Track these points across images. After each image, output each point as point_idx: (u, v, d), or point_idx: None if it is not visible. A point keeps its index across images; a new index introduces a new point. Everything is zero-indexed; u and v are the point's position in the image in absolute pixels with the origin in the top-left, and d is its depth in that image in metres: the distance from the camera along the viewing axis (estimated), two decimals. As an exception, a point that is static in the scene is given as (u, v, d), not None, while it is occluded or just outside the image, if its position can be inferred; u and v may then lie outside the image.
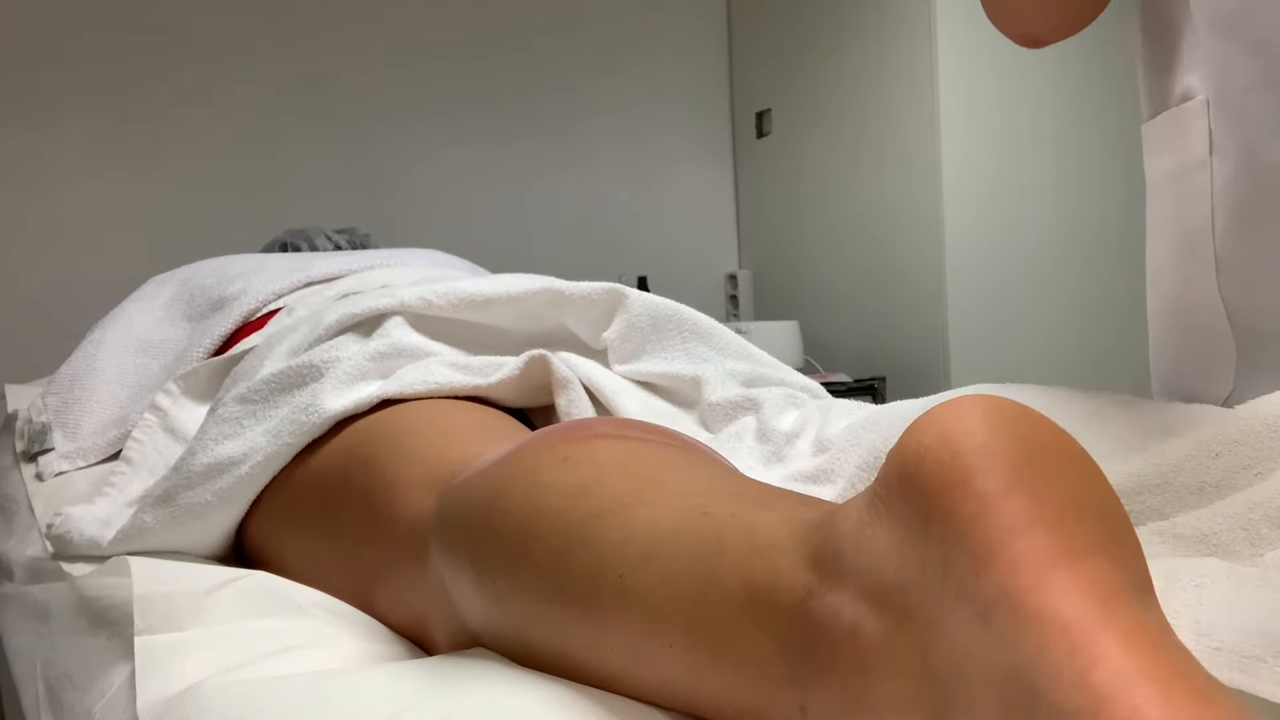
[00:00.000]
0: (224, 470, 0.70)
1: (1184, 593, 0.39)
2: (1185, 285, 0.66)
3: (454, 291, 0.80)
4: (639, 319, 0.83)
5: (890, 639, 0.31)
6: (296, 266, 1.15)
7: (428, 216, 2.61)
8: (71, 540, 0.76)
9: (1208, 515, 0.44)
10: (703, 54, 3.07)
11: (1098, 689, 0.26)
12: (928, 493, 0.31)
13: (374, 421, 0.67)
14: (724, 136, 3.10)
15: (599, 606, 0.40)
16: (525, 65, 2.77)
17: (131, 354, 1.11)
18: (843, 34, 2.66)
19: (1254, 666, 0.34)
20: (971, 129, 2.41)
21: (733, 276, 3.07)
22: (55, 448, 1.02)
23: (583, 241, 2.82)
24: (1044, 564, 0.29)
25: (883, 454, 0.63)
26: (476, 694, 0.41)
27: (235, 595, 0.58)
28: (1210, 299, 0.64)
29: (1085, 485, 0.31)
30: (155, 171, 2.35)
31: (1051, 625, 0.27)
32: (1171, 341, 0.68)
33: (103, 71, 2.30)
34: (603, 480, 0.44)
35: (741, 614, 0.36)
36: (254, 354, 0.84)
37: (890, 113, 2.52)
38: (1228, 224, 0.63)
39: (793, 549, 0.35)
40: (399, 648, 0.56)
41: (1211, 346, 0.64)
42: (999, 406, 0.32)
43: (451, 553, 0.49)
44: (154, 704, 0.47)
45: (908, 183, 2.47)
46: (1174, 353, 0.68)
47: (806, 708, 0.34)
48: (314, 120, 2.51)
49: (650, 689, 0.40)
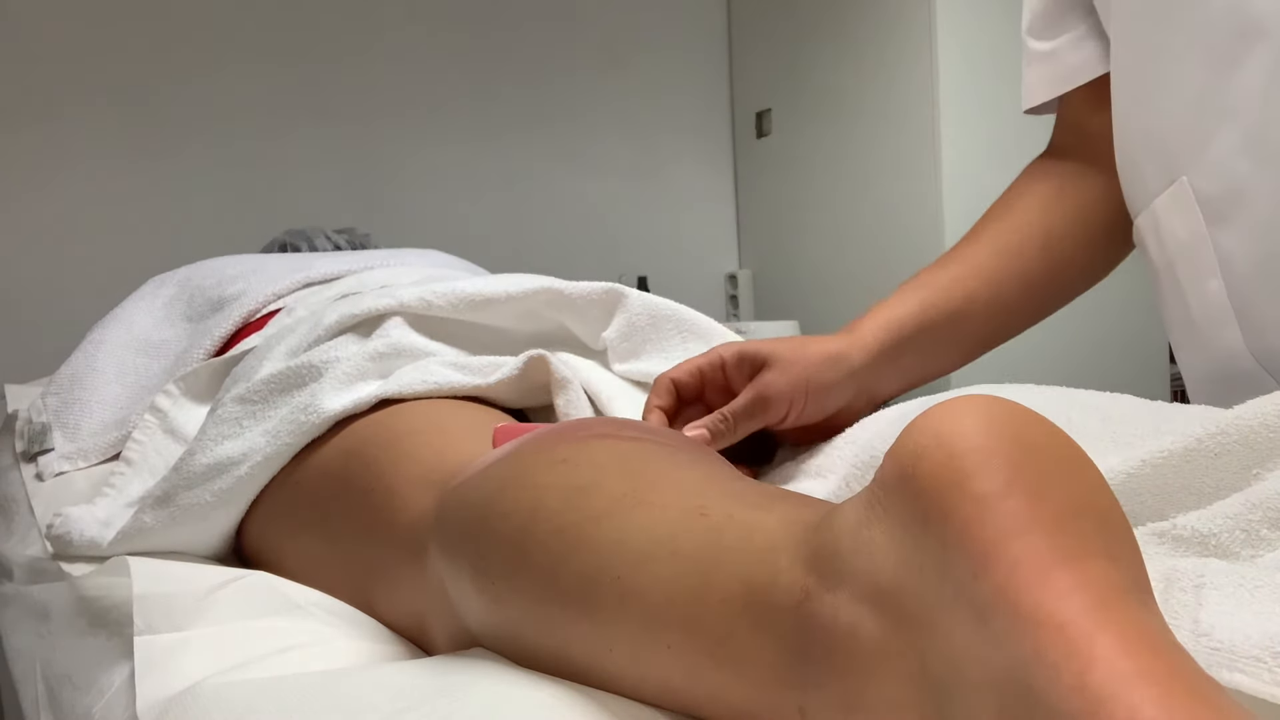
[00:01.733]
0: (223, 470, 0.70)
1: (1183, 593, 0.39)
2: (1216, 353, 0.67)
3: (453, 292, 0.80)
4: (638, 318, 0.83)
5: (888, 640, 0.31)
6: (296, 267, 1.15)
7: (427, 216, 2.61)
8: (71, 540, 0.76)
9: (1206, 516, 0.44)
10: (703, 54, 3.07)
11: (1096, 690, 0.26)
12: (925, 494, 0.31)
13: (373, 422, 0.67)
14: (724, 136, 3.10)
15: (598, 607, 0.40)
16: (525, 66, 2.77)
17: (131, 354, 1.11)
18: (842, 34, 2.66)
19: (1253, 667, 0.34)
20: (971, 129, 2.41)
21: (732, 276, 3.07)
22: (55, 448, 1.02)
23: (582, 241, 2.82)
24: (1042, 565, 0.29)
25: (879, 452, 0.64)
26: (476, 694, 0.41)
27: (235, 595, 0.58)
28: (1244, 359, 0.65)
29: (1083, 486, 0.31)
30: (155, 172, 2.36)
31: (1049, 626, 0.27)
32: (1218, 395, 0.68)
33: (103, 72, 2.30)
34: (601, 481, 0.44)
35: (740, 615, 0.36)
36: (253, 354, 0.84)
37: (890, 112, 2.52)
38: (1241, 285, 0.64)
39: (791, 550, 0.35)
40: (398, 648, 0.56)
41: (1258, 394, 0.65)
42: (997, 407, 0.32)
43: (450, 553, 0.49)
44: (154, 704, 0.47)
45: (908, 183, 2.47)
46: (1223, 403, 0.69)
47: (805, 709, 0.34)
48: (314, 120, 2.51)
49: (649, 690, 0.40)
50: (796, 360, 0.67)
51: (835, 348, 0.69)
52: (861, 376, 0.69)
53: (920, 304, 0.72)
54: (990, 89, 2.43)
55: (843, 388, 0.68)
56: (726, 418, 0.66)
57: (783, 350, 0.68)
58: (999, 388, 0.65)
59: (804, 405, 0.67)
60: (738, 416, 0.66)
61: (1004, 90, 2.44)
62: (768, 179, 2.98)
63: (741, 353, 0.69)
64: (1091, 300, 0.76)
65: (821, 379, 0.67)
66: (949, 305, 0.72)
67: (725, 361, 0.69)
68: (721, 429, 0.66)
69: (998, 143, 2.41)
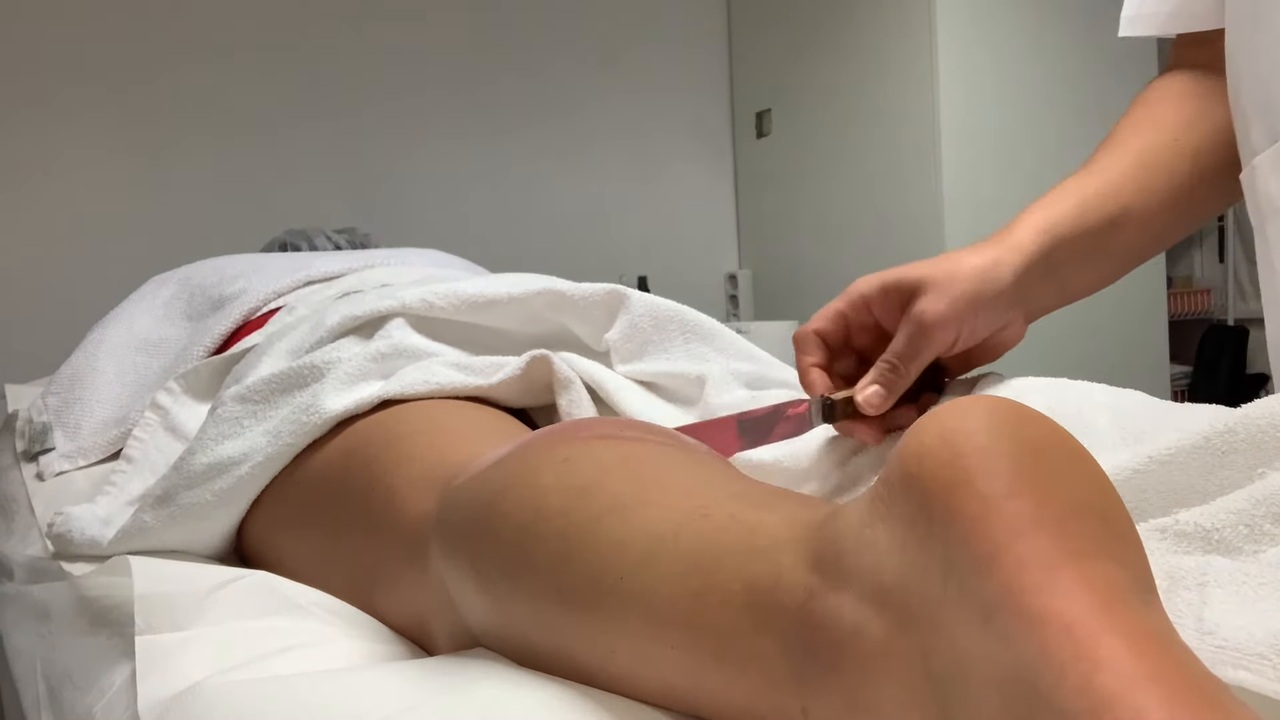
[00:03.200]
0: (224, 470, 0.70)
1: (1187, 592, 0.39)
2: None
3: (455, 293, 0.80)
4: (641, 319, 0.83)
5: (892, 640, 0.31)
6: (297, 266, 1.15)
7: (427, 216, 2.61)
8: (72, 539, 0.76)
9: (1209, 511, 0.44)
10: (703, 54, 3.07)
11: (1101, 690, 0.26)
12: (929, 493, 0.31)
13: (375, 422, 0.67)
14: (724, 136, 3.10)
15: (600, 608, 0.40)
16: (525, 67, 2.77)
17: (132, 353, 1.11)
18: (843, 34, 2.66)
19: (1257, 664, 0.34)
20: (971, 129, 2.41)
21: (733, 276, 3.07)
22: (56, 447, 1.02)
23: (583, 241, 2.82)
24: (1046, 565, 0.29)
25: (856, 447, 0.64)
26: (477, 694, 0.41)
27: (236, 595, 0.58)
28: None
29: (1088, 486, 0.31)
30: (155, 171, 2.35)
31: (1054, 626, 0.27)
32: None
33: (103, 72, 2.30)
34: (603, 481, 0.44)
35: (743, 615, 0.36)
36: (254, 353, 0.84)
37: (890, 113, 2.52)
38: None
39: (794, 550, 0.35)
40: (400, 647, 0.56)
41: None
42: (1001, 408, 0.32)
43: (452, 554, 0.49)
44: (155, 704, 0.47)
45: (908, 183, 2.47)
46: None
47: (808, 709, 0.34)
48: (314, 120, 2.51)
49: (652, 690, 0.40)
50: (953, 278, 0.60)
51: (991, 256, 0.62)
52: (1022, 285, 0.62)
53: (1077, 207, 0.65)
54: (990, 89, 2.43)
55: (1005, 299, 0.61)
56: (894, 365, 0.60)
57: (934, 272, 0.61)
58: (1010, 382, 0.64)
59: (973, 325, 0.61)
60: (903, 358, 0.60)
61: (1004, 90, 2.45)
62: (768, 179, 2.98)
63: (886, 284, 0.62)
64: (1092, 300, 0.75)
65: (984, 293, 0.60)
66: (1105, 211, 0.66)
67: (869, 298, 0.63)
68: (892, 378, 0.60)
69: (998, 143, 2.41)
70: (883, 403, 0.59)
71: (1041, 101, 2.45)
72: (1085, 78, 2.46)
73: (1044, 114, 2.45)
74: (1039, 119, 2.44)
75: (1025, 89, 2.43)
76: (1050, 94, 2.45)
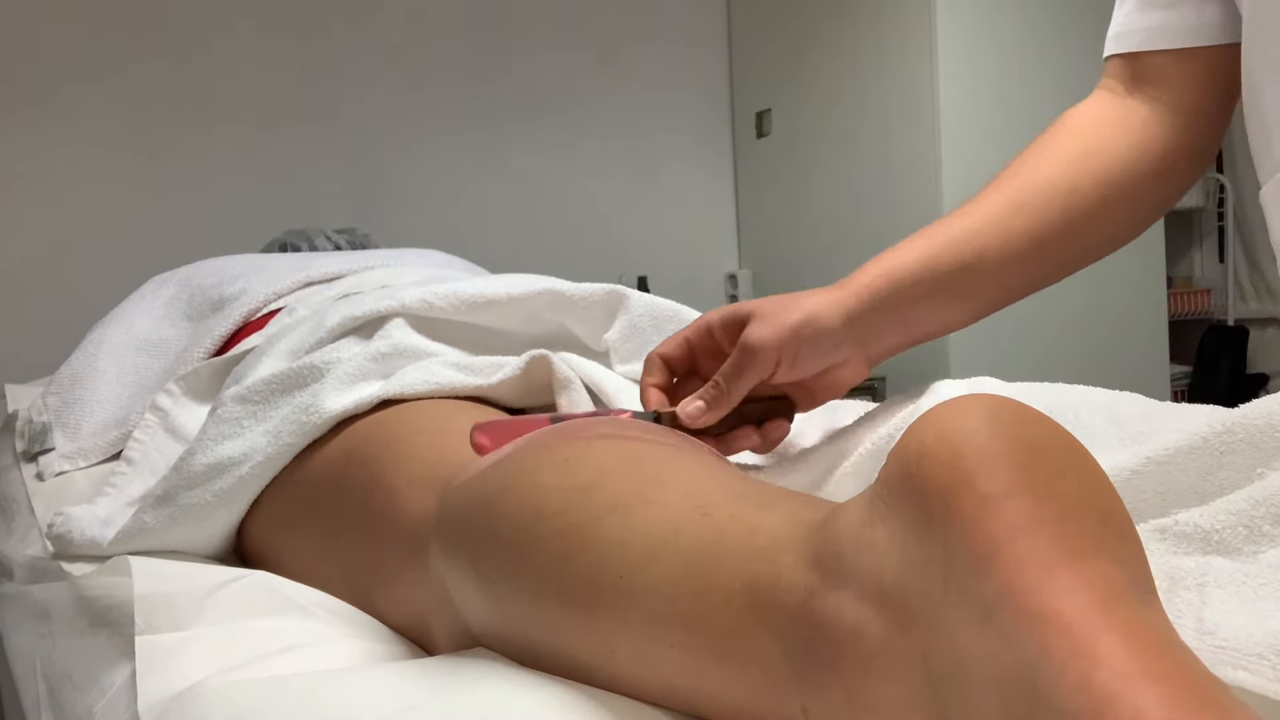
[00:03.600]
0: (224, 470, 0.70)
1: (1187, 592, 0.39)
2: None
3: (455, 293, 0.80)
4: (640, 319, 0.83)
5: (892, 639, 0.31)
6: (297, 266, 1.15)
7: (427, 216, 2.61)
8: (72, 540, 0.76)
9: (1209, 512, 0.44)
10: (703, 54, 3.07)
11: (1100, 689, 0.26)
12: (929, 492, 0.31)
13: (375, 422, 0.67)
14: (724, 136, 3.10)
15: (600, 608, 0.40)
16: (525, 66, 2.77)
17: (132, 353, 1.11)
18: (843, 34, 2.66)
19: (1257, 664, 0.34)
20: (971, 129, 2.41)
21: (733, 276, 3.07)
22: (56, 447, 1.02)
23: (582, 241, 2.82)
24: (1046, 564, 0.29)
25: (846, 446, 0.64)
26: (478, 694, 0.41)
27: (236, 595, 0.58)
28: None
29: (1087, 485, 0.31)
30: (155, 171, 2.35)
31: (1054, 625, 0.27)
32: None
33: (103, 72, 2.30)
34: (603, 481, 0.44)
35: (743, 614, 0.36)
36: (254, 354, 0.84)
37: (890, 112, 2.52)
38: None
39: (794, 549, 0.35)
40: (400, 647, 0.56)
41: None
42: (1001, 406, 0.32)
43: (452, 554, 0.49)
44: (155, 703, 0.47)
45: (908, 183, 2.47)
46: None
47: (809, 708, 0.34)
48: (314, 120, 2.51)
49: (652, 689, 0.40)
50: (781, 310, 0.64)
51: (829, 298, 0.66)
52: (856, 326, 0.65)
53: (924, 254, 0.68)
54: (990, 89, 2.43)
55: (835, 336, 0.65)
56: (718, 383, 0.64)
57: (769, 305, 0.65)
58: (1008, 385, 0.65)
59: (794, 355, 0.64)
60: (728, 377, 0.64)
61: (1004, 90, 2.44)
62: (768, 179, 2.98)
63: (725, 314, 0.66)
64: (1092, 300, 0.75)
65: (811, 327, 0.64)
66: (957, 257, 0.67)
67: (713, 326, 0.67)
68: (714, 394, 0.63)
69: (998, 143, 2.41)
70: (701, 416, 0.63)
71: (1041, 102, 2.45)
72: (1085, 78, 2.45)
73: (1044, 115, 2.44)
74: (1039, 119, 2.43)
75: (1025, 89, 2.43)
76: (1050, 94, 2.45)
